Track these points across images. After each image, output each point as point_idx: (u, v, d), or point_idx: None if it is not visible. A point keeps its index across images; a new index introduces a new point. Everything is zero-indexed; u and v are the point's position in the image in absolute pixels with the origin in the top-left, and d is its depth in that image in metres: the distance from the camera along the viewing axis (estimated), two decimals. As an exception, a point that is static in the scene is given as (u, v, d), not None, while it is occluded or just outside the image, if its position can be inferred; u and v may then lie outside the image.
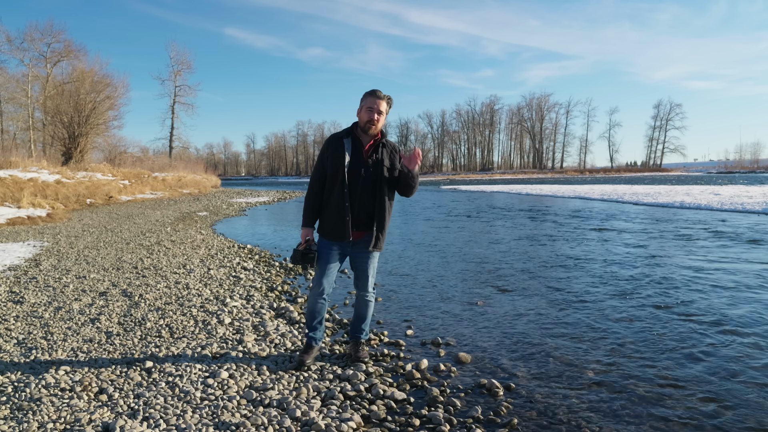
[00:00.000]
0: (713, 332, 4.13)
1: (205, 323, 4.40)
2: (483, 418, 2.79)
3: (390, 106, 3.35)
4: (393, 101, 3.37)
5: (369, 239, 3.35)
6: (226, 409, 2.80)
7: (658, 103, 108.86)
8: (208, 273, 6.62)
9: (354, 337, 3.63)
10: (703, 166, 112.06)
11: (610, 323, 4.42)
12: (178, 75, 55.05)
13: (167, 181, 32.58)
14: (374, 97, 3.26)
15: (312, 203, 3.38)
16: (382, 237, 3.39)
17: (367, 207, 3.31)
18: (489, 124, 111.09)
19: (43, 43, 34.72)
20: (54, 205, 16.74)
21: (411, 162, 3.30)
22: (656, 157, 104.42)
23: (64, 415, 2.71)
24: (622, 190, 28.30)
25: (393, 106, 3.41)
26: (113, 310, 4.83)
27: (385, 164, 3.32)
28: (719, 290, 5.48)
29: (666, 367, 3.44)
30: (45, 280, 6.18)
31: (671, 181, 47.79)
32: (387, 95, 3.31)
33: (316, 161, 3.43)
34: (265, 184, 65.37)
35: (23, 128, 34.86)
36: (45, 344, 3.85)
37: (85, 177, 23.16)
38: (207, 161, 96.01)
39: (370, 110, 3.25)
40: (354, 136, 3.33)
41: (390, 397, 3.00)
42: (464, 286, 5.98)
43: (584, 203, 20.67)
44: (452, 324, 4.51)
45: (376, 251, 3.43)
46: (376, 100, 3.25)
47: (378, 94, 3.26)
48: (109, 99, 33.14)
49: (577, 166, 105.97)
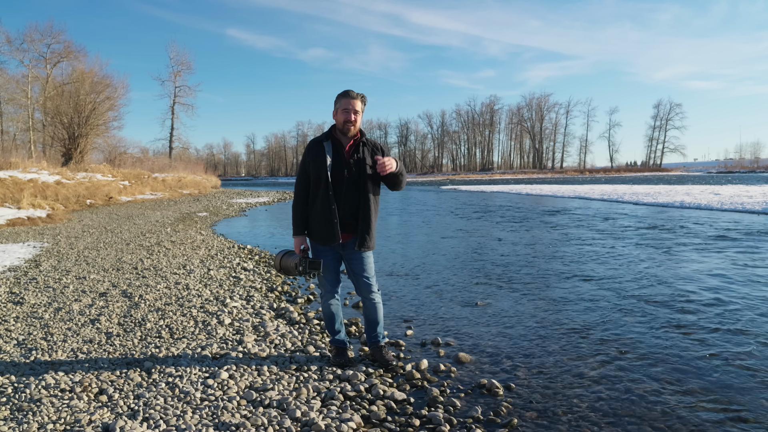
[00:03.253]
0: (714, 332, 4.13)
1: (205, 324, 4.40)
2: (483, 418, 2.79)
3: (365, 104, 3.34)
4: (367, 99, 3.36)
5: (357, 240, 3.33)
6: (226, 409, 2.80)
7: (658, 103, 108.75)
8: (208, 273, 6.62)
9: (372, 343, 3.59)
10: (703, 166, 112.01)
11: (610, 323, 4.42)
12: (178, 76, 55.12)
13: (167, 182, 32.59)
14: (348, 97, 3.25)
15: (300, 210, 3.38)
16: (369, 236, 3.33)
17: (353, 208, 3.30)
18: (489, 124, 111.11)
19: (42, 44, 34.79)
20: (54, 206, 16.74)
21: (382, 171, 3.16)
22: (656, 157, 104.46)
23: (64, 415, 2.71)
24: (622, 190, 28.29)
25: (393, 107, 3.44)
26: (113, 310, 4.83)
27: (367, 162, 3.30)
28: (720, 290, 5.48)
29: (666, 367, 3.44)
30: (45, 280, 6.18)
31: (671, 181, 47.80)
32: (360, 93, 3.30)
33: (299, 168, 3.42)
34: (265, 185, 65.40)
35: (23, 129, 34.88)
36: (45, 345, 3.85)
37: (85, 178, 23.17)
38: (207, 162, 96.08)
39: (346, 111, 3.24)
40: (334, 139, 3.32)
41: (390, 398, 3.00)
42: (464, 286, 5.98)
43: (584, 203, 20.67)
44: (452, 324, 4.51)
45: (366, 251, 3.37)
46: (351, 100, 3.25)
47: (351, 94, 3.26)
48: (108, 100, 33.18)
49: (577, 166, 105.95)
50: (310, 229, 3.38)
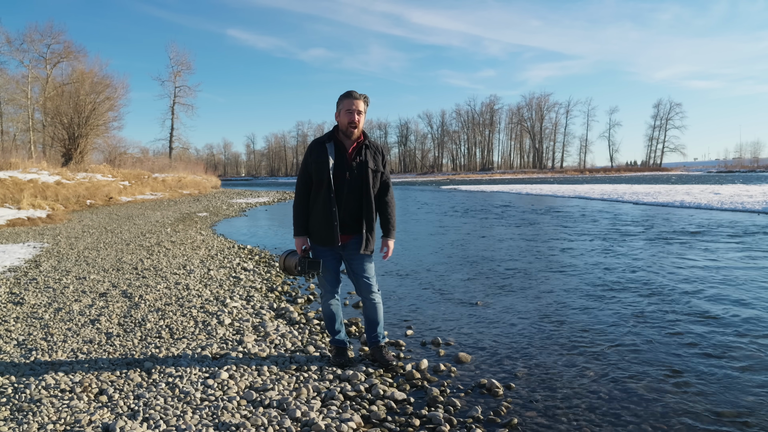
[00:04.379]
0: (714, 332, 4.13)
1: (205, 324, 4.40)
2: (483, 418, 2.79)
3: (367, 104, 3.33)
4: (369, 99, 3.36)
5: (358, 242, 3.32)
6: (226, 409, 2.80)
7: (658, 103, 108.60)
8: (208, 274, 6.62)
9: (372, 343, 3.59)
10: (703, 166, 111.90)
11: (611, 323, 4.42)
12: (178, 76, 55.17)
13: (167, 182, 32.60)
14: (351, 98, 3.24)
15: (301, 210, 3.37)
16: (372, 238, 3.35)
17: (354, 210, 3.29)
18: (489, 124, 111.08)
19: (42, 44, 34.78)
20: (54, 206, 16.74)
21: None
22: (656, 157, 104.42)
23: (64, 416, 2.71)
24: (622, 190, 28.29)
25: (393, 107, 3.45)
26: (113, 311, 4.83)
27: (369, 166, 3.30)
28: (720, 290, 5.48)
29: (667, 367, 3.44)
30: (45, 281, 6.18)
31: (671, 181, 47.79)
32: (363, 94, 3.30)
33: (301, 168, 3.41)
34: (265, 185, 65.41)
35: (23, 129, 34.88)
36: (45, 345, 3.85)
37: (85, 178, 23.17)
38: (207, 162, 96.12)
39: (349, 112, 3.23)
40: (336, 140, 3.31)
41: (390, 398, 3.00)
42: (464, 286, 5.98)
43: (584, 203, 20.67)
44: (452, 324, 4.50)
45: (368, 253, 3.38)
46: (353, 101, 3.23)
47: (354, 95, 3.25)
48: (108, 100, 33.20)
49: (577, 166, 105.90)
50: (310, 230, 3.38)
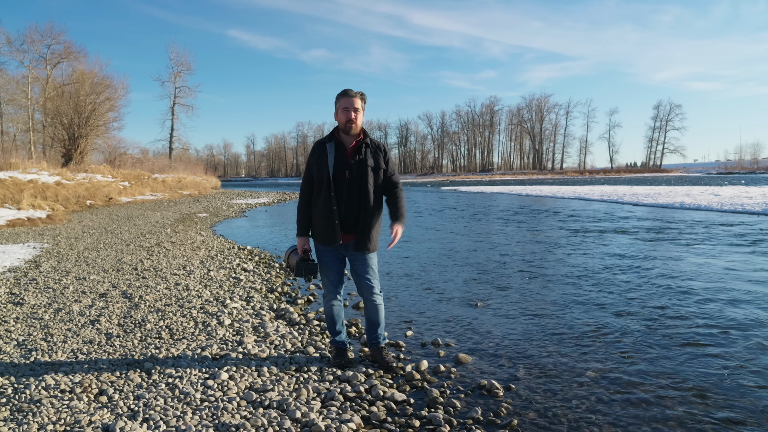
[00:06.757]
0: (713, 333, 4.13)
1: (205, 324, 4.40)
2: (483, 419, 2.79)
3: (364, 101, 3.36)
4: (366, 97, 3.38)
5: (359, 241, 3.33)
6: (226, 410, 2.80)
7: (658, 104, 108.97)
8: (208, 274, 6.62)
9: (373, 345, 3.59)
10: (703, 167, 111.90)
11: (610, 324, 4.42)
12: (178, 76, 55.15)
13: (167, 183, 32.60)
14: (347, 96, 3.27)
15: (304, 211, 3.41)
16: (368, 238, 3.33)
17: (354, 209, 3.30)
18: (489, 125, 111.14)
19: (42, 44, 34.78)
20: (54, 207, 16.74)
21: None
22: (656, 158, 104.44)
23: (64, 416, 2.71)
24: (622, 191, 28.29)
25: (393, 107, 3.46)
26: (113, 311, 4.83)
27: (369, 164, 3.31)
28: (719, 291, 5.48)
29: (666, 368, 3.44)
30: (45, 281, 6.18)
31: (671, 182, 47.80)
32: (359, 92, 3.32)
33: (305, 169, 3.46)
34: (265, 186, 65.40)
35: (23, 130, 34.88)
36: (45, 346, 3.85)
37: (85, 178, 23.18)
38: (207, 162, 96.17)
39: (346, 110, 3.26)
40: (337, 140, 3.34)
41: (390, 398, 3.00)
42: (464, 287, 5.98)
43: (584, 204, 20.67)
44: (452, 325, 4.51)
45: (369, 252, 3.38)
46: (350, 98, 3.26)
47: (350, 93, 3.28)
48: (108, 100, 33.22)
49: (577, 167, 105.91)
50: (313, 229, 3.40)
